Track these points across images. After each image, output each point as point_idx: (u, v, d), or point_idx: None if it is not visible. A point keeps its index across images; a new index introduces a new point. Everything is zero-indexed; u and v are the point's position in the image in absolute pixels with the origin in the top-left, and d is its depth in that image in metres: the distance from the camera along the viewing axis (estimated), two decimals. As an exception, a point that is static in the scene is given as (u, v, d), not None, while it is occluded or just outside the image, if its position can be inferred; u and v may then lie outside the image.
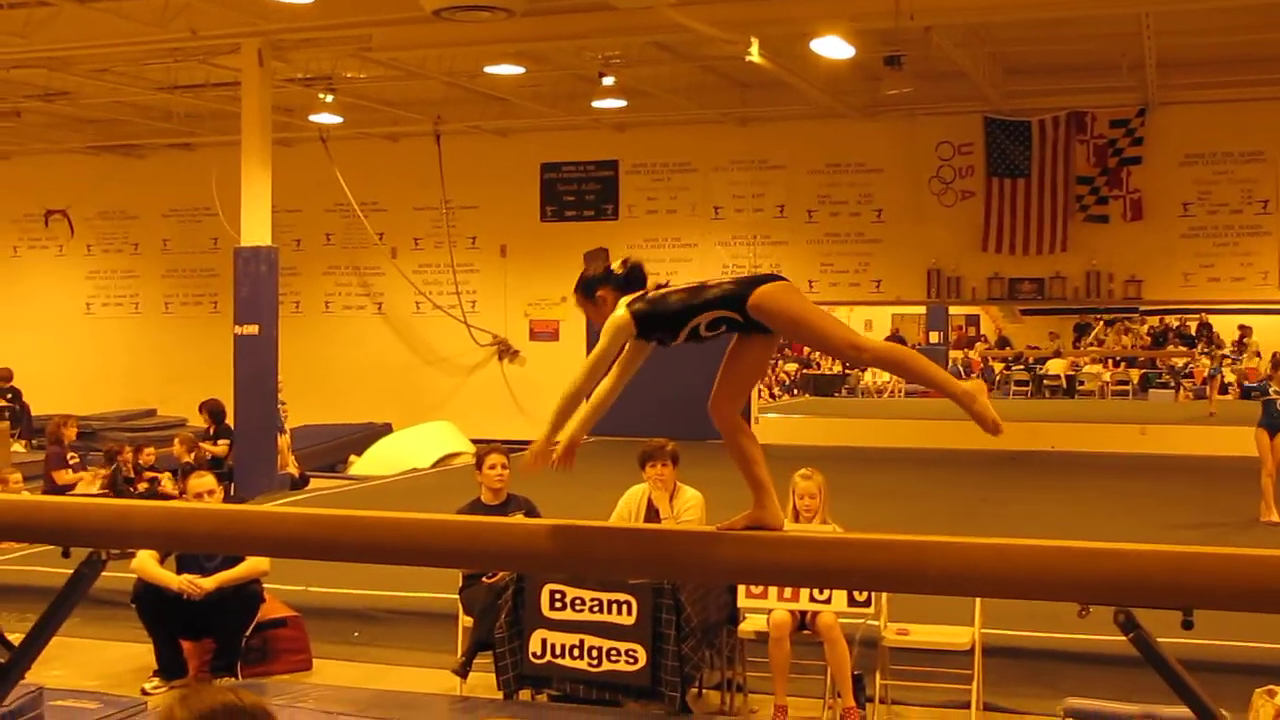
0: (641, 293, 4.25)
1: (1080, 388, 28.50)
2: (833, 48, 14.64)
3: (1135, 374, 29.67)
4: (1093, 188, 18.89)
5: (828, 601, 6.70)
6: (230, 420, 15.65)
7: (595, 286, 4.31)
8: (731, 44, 14.48)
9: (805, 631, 6.83)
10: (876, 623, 7.05)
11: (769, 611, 6.81)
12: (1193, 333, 32.77)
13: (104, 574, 4.84)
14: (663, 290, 4.23)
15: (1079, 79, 17.98)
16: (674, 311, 4.19)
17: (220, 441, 15.34)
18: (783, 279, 4.18)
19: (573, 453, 4.16)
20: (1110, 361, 30.88)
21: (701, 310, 4.16)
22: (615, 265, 4.33)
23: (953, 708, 7.05)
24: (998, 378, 31.57)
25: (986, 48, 16.75)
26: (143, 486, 13.67)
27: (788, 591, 6.71)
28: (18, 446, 17.57)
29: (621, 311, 4.15)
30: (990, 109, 18.89)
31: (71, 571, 4.76)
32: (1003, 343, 35.09)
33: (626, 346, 4.23)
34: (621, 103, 17.98)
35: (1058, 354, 30.65)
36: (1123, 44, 16.02)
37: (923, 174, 19.62)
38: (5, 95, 18.96)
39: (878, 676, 6.98)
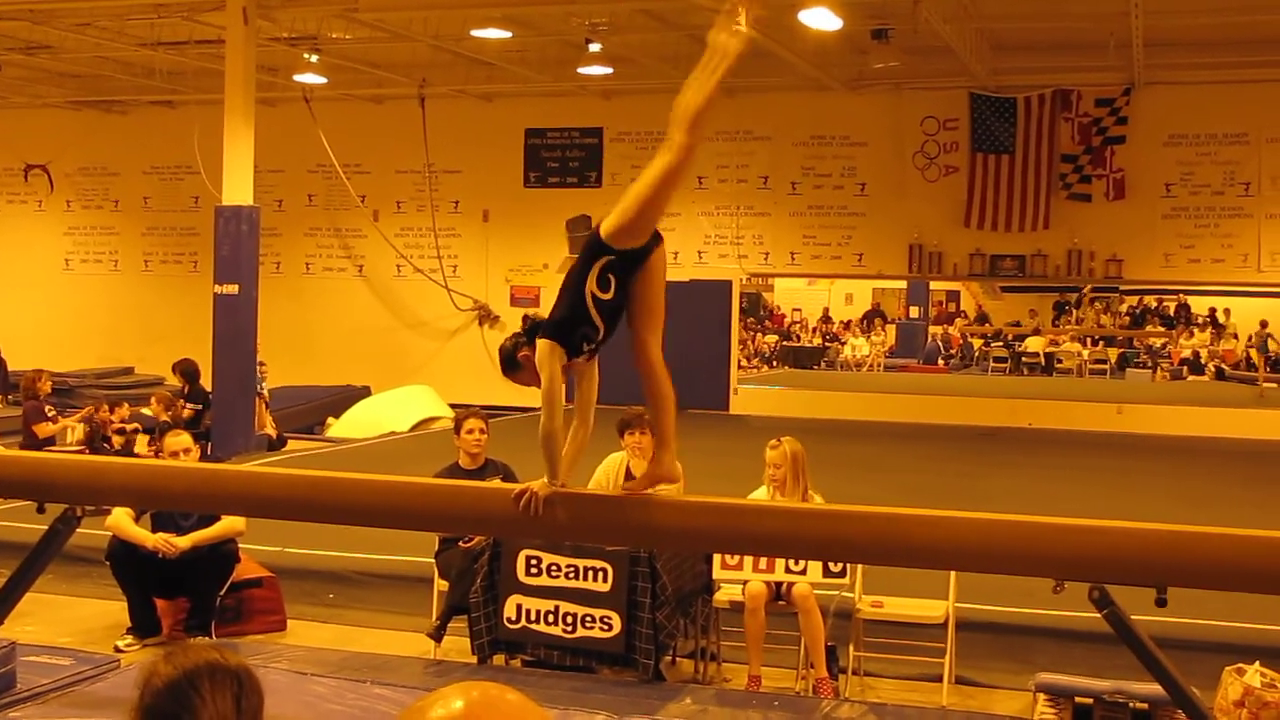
0: (535, 322, 4.50)
1: (1058, 365, 28.60)
2: (821, 19, 14.60)
3: (1113, 353, 29.78)
4: (1076, 166, 18.91)
5: (803, 573, 6.72)
6: (208, 380, 15.59)
7: (514, 355, 4.55)
8: (719, 13, 14.40)
9: (780, 602, 6.85)
10: (851, 595, 7.08)
11: (744, 582, 6.83)
12: (1171, 313, 32.92)
13: (78, 531, 4.83)
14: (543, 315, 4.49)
15: (1065, 57, 17.97)
16: (569, 306, 4.39)
17: (190, 405, 15.17)
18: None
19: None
20: (1089, 340, 30.99)
21: (583, 281, 4.34)
22: (514, 334, 4.60)
23: (925, 680, 7.08)
24: (976, 354, 31.67)
25: (974, 23, 16.72)
26: (118, 443, 13.61)
27: (763, 562, 6.73)
28: (-7, 402, 17.50)
29: (542, 345, 4.38)
30: (976, 85, 18.87)
31: (46, 527, 4.75)
32: (982, 319, 35.20)
33: (569, 372, 4.44)
34: (608, 70, 17.91)
35: (1037, 331, 30.75)
36: (1110, 23, 16.01)
37: (907, 148, 19.60)
38: (-14, 47, 18.78)
39: (851, 648, 7.01)
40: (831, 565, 6.68)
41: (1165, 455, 16.36)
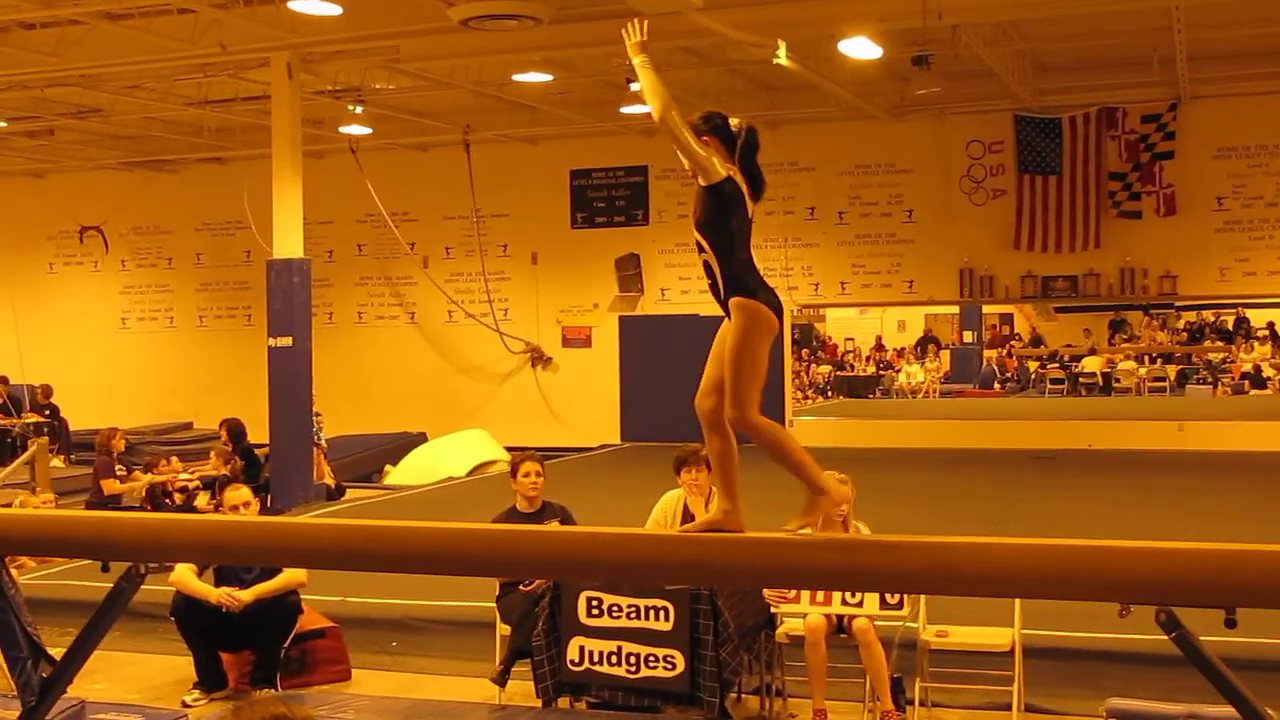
0: (742, 192, 4.35)
1: (1116, 385, 28.29)
2: (860, 48, 14.62)
3: (1172, 370, 29.43)
4: (1125, 183, 18.79)
5: (860, 605, 6.67)
6: (264, 433, 15.69)
7: (703, 133, 4.48)
8: (759, 47, 14.47)
9: (842, 635, 6.80)
10: (915, 625, 7.02)
11: (804, 615, 6.79)
12: (1230, 327, 32.50)
13: (143, 587, 4.87)
14: (740, 213, 4.33)
15: (1109, 75, 17.89)
16: (717, 224, 4.32)
17: (235, 460, 15.23)
18: (773, 309, 4.23)
19: None
20: (1146, 358, 30.65)
21: (715, 253, 4.28)
22: (733, 122, 4.52)
23: (993, 709, 7.00)
24: (1033, 376, 31.40)
25: (1015, 45, 16.67)
26: (178, 499, 13.73)
27: (820, 595, 6.68)
28: (56, 462, 17.71)
29: (720, 173, 4.34)
30: (1020, 106, 18.80)
31: (111, 585, 4.79)
32: (1037, 341, 34.89)
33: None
34: (648, 109, 17.97)
35: (1093, 351, 30.43)
36: (1153, 38, 15.93)
37: (953, 173, 19.55)
38: (39, 113, 19.13)
39: (917, 679, 6.94)
40: (888, 597, 6.62)
41: (1229, 472, 16.11)
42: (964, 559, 4.07)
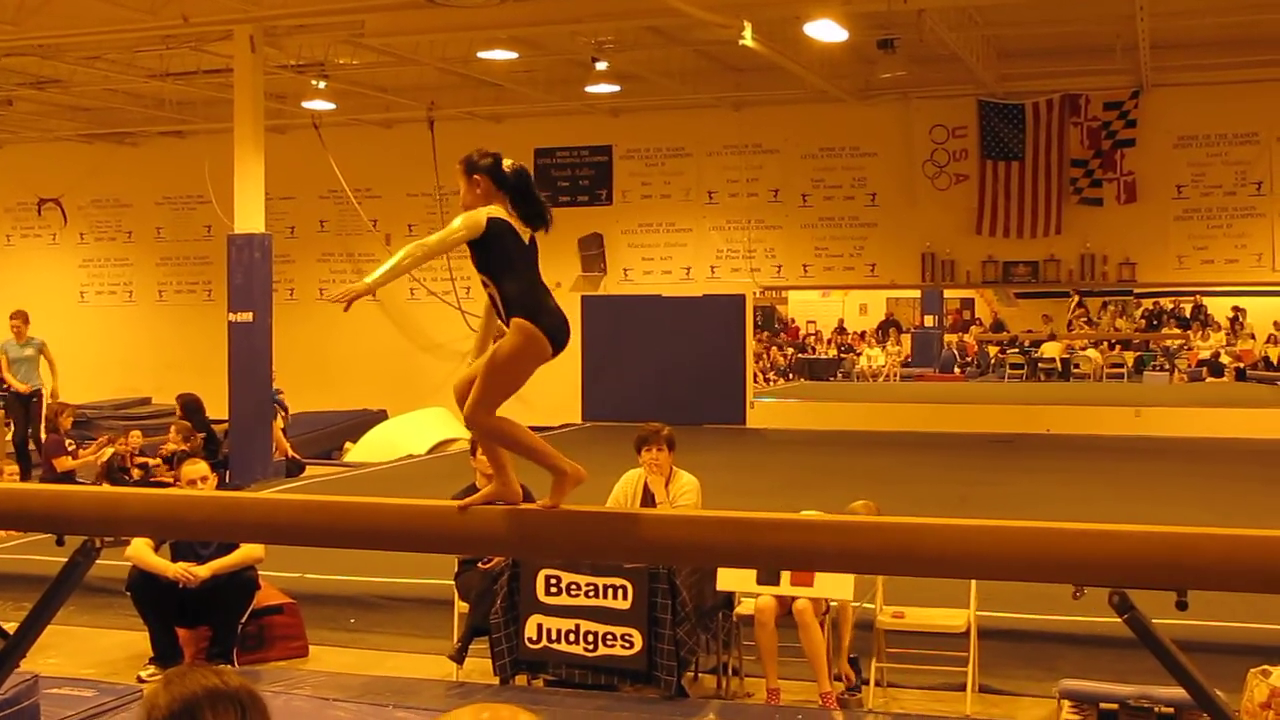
0: (508, 223, 4.39)
1: (1075, 370, 28.51)
2: (826, 31, 14.64)
3: (1130, 357, 29.68)
4: (1087, 170, 18.89)
5: (810, 586, 6.70)
6: (224, 409, 15.60)
7: (476, 171, 4.52)
8: (725, 28, 14.46)
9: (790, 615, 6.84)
10: (872, 606, 7.07)
11: (757, 596, 6.83)
12: (1187, 315, 32.80)
13: (98, 562, 4.84)
14: (512, 241, 4.39)
15: (1073, 61, 17.98)
16: (491, 258, 4.41)
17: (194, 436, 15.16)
18: (549, 335, 4.31)
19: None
20: (1105, 344, 30.89)
21: (494, 282, 4.41)
22: (506, 162, 4.52)
23: (949, 690, 7.06)
24: (993, 361, 31.60)
25: (980, 30, 16.73)
26: (136, 474, 13.66)
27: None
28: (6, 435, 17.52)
29: (482, 218, 4.37)
30: (984, 92, 18.87)
31: (66, 560, 4.76)
32: (998, 326, 35.12)
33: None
34: (615, 88, 17.96)
35: (1053, 337, 30.66)
36: (1116, 26, 16.02)
37: (917, 157, 19.60)
38: (-3, 83, 18.92)
39: (874, 659, 6.99)
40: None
41: (1185, 458, 16.28)
42: (921, 540, 4.10)
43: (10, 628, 4.89)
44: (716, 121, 20.19)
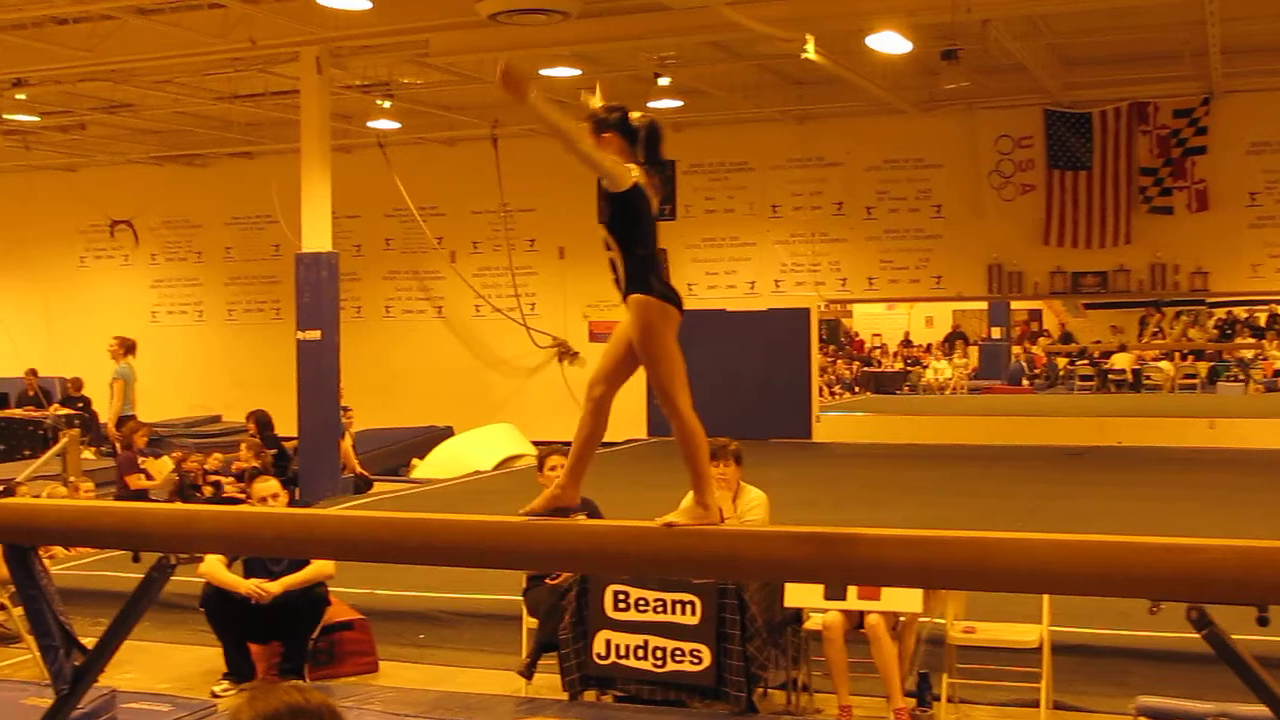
0: (648, 194, 4.42)
1: (1146, 382, 28.14)
2: (889, 43, 14.57)
3: (1203, 367, 29.24)
4: (1156, 179, 18.67)
5: (877, 599, 6.65)
6: (293, 427, 15.75)
7: (605, 128, 4.52)
8: (787, 42, 14.43)
9: (862, 630, 6.79)
10: (942, 621, 7.00)
11: (825, 611, 6.79)
12: (1262, 324, 32.28)
13: (173, 578, 4.90)
14: (647, 210, 4.44)
15: (1140, 69, 17.77)
16: (623, 221, 4.43)
17: (265, 452, 15.34)
18: (672, 303, 4.31)
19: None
20: (1177, 355, 30.46)
21: (620, 249, 4.42)
22: (634, 115, 4.54)
23: (1022, 706, 6.97)
24: (1062, 373, 31.26)
25: (1045, 39, 16.59)
26: (208, 491, 13.82)
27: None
28: (88, 454, 17.81)
29: (629, 175, 4.39)
30: (1050, 101, 18.71)
31: (142, 576, 4.82)
32: (1066, 338, 34.74)
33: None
34: (678, 103, 17.98)
35: (1123, 348, 30.27)
36: (1185, 32, 15.81)
37: (982, 168, 19.46)
38: (71, 108, 19.24)
39: (945, 675, 6.92)
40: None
41: (1261, 470, 16.01)
42: (993, 554, 4.05)
43: (89, 643, 4.95)
44: (779, 135, 20.16)
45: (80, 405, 20.73)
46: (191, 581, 7.69)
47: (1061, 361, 32.15)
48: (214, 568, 7.62)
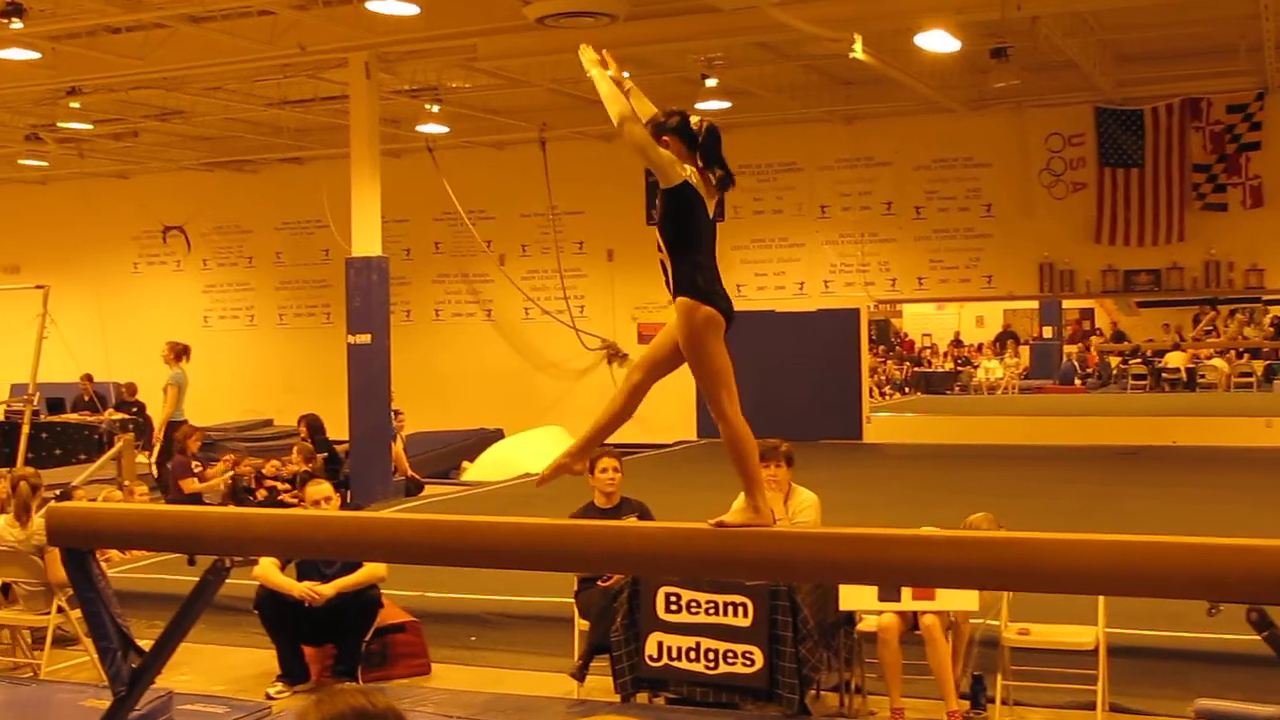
0: (700, 195, 4.36)
1: (1201, 380, 27.83)
2: (938, 42, 14.49)
3: (1259, 365, 28.88)
4: (1210, 175, 18.47)
5: (932, 599, 6.61)
6: (344, 430, 15.84)
7: (664, 133, 4.42)
8: (835, 42, 14.38)
9: (916, 631, 6.75)
10: (996, 623, 6.95)
11: (879, 613, 6.76)
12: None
13: (228, 581, 4.94)
14: (698, 214, 4.37)
15: (1193, 64, 17.58)
16: (674, 223, 4.40)
17: (316, 457, 15.42)
18: (718, 308, 4.29)
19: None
20: (1232, 353, 30.10)
21: (669, 251, 4.40)
22: (693, 120, 4.46)
23: (1078, 709, 6.91)
24: (1114, 372, 30.98)
25: (1096, 36, 16.43)
26: (261, 495, 13.92)
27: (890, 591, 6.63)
28: (141, 458, 17.98)
29: (680, 175, 4.34)
30: (1101, 98, 18.55)
31: (197, 579, 4.87)
32: (1119, 336, 34.42)
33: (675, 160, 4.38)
34: (725, 104, 17.95)
35: (1177, 346, 29.95)
36: (1239, 26, 15.62)
37: (1032, 166, 19.32)
38: (124, 116, 19.46)
39: (999, 677, 6.87)
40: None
41: (1319, 469, 15.81)
42: (1049, 555, 4.02)
43: (145, 645, 5.00)
44: (827, 135, 20.09)
45: (134, 410, 20.93)
46: (245, 584, 7.74)
47: (1114, 360, 31.86)
48: (268, 570, 7.68)
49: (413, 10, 13.65)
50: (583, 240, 21.58)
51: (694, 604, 6.79)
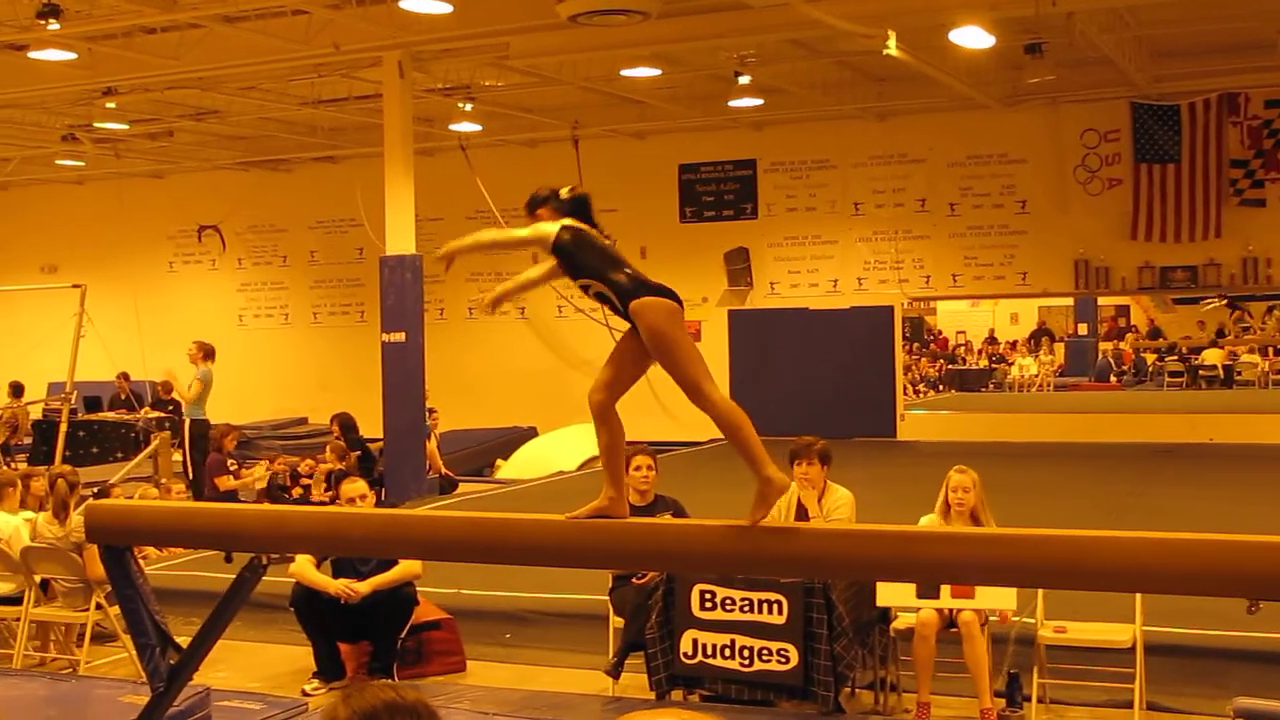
0: (581, 227, 4.51)
1: (1238, 377, 27.61)
2: (972, 38, 14.43)
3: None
4: (1248, 171, 18.33)
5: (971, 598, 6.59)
6: (378, 428, 15.89)
7: (538, 205, 4.58)
8: (868, 38, 14.33)
9: (953, 629, 6.73)
10: (1032, 620, 6.92)
11: (916, 610, 6.74)
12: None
13: (264, 578, 4.96)
14: (595, 241, 4.50)
15: (1230, 59, 17.43)
16: (583, 261, 4.45)
17: (349, 455, 15.46)
18: (671, 299, 4.40)
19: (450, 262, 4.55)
20: (1270, 350, 29.86)
21: (599, 280, 4.41)
22: (563, 191, 4.61)
23: (1115, 707, 6.87)
24: (1150, 369, 30.78)
25: (1131, 31, 16.32)
26: (296, 493, 13.98)
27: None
28: (178, 456, 18.10)
29: (552, 229, 4.44)
30: (1137, 94, 18.42)
31: (234, 576, 4.89)
32: (1154, 333, 34.20)
33: (540, 255, 4.52)
34: (758, 101, 17.92)
35: (1214, 343, 29.73)
36: (1277, 21, 15.48)
37: (1068, 163, 19.22)
38: (159, 115, 19.59)
39: (1035, 675, 6.84)
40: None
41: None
42: (1086, 552, 3.99)
43: (183, 642, 5.04)
44: (861, 132, 20.04)
45: (170, 408, 21.04)
46: (282, 582, 7.78)
47: (1150, 357, 31.66)
48: (304, 568, 7.71)
49: (446, 9, 13.69)
50: (616, 238, 21.49)
51: (729, 601, 6.78)
